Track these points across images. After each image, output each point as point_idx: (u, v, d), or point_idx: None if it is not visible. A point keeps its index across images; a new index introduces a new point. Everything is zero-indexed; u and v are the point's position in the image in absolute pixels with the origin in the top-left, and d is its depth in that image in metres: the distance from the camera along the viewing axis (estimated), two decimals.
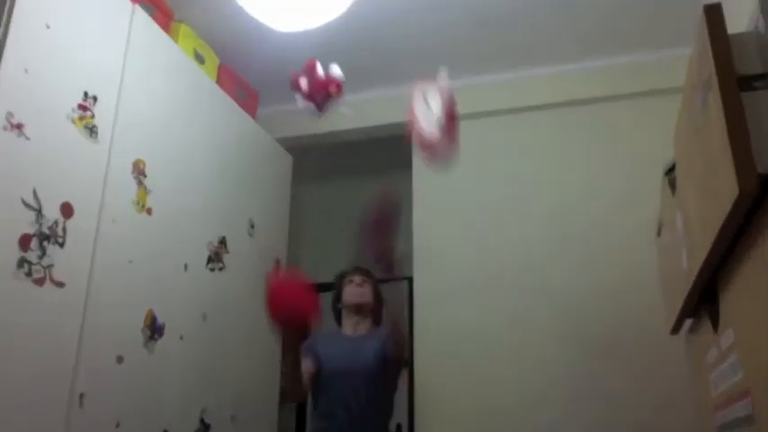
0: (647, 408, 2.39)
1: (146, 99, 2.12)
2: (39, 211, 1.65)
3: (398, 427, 3.03)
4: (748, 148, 1.06)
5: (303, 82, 1.88)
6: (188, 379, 2.21)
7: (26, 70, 1.65)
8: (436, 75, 1.59)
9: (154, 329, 2.05)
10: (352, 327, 2.23)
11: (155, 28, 2.21)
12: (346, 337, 2.22)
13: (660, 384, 2.39)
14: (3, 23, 1.61)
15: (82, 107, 1.83)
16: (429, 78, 1.79)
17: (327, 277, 3.83)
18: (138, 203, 2.04)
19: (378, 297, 2.26)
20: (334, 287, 2.33)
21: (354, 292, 2.23)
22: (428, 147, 1.58)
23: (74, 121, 1.80)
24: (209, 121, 2.49)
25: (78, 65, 1.83)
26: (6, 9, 1.62)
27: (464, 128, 2.98)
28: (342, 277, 2.32)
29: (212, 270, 2.42)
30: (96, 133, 1.88)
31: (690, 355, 2.05)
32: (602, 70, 2.82)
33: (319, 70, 1.88)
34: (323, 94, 1.86)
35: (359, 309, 2.23)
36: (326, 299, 3.74)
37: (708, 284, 1.49)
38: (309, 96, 1.89)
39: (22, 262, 1.58)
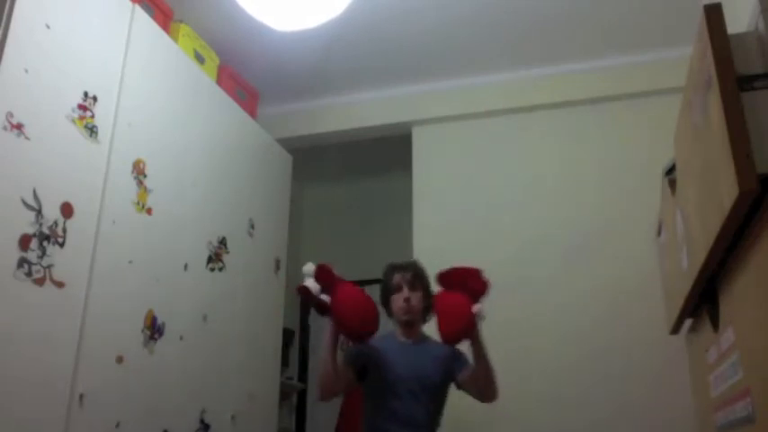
0: (646, 408, 2.39)
1: (146, 99, 2.12)
2: (39, 211, 1.64)
3: None
4: (748, 149, 1.06)
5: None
6: (188, 379, 2.21)
7: (26, 70, 1.65)
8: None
9: (154, 329, 2.05)
10: (405, 333, 2.08)
11: (155, 28, 2.21)
12: (401, 344, 2.06)
13: (660, 384, 2.39)
14: (3, 23, 1.60)
15: (82, 107, 1.83)
16: None
17: None
18: (138, 203, 2.04)
19: (428, 296, 2.10)
20: (383, 282, 2.13)
21: (402, 308, 2.04)
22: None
23: (74, 121, 1.80)
24: (209, 121, 2.49)
25: (78, 65, 1.83)
26: (6, 9, 1.62)
27: (465, 128, 3.02)
28: (390, 274, 2.10)
29: (212, 270, 2.42)
30: (96, 133, 1.88)
31: (690, 355, 2.05)
32: (602, 70, 2.82)
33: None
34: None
35: (408, 322, 2.08)
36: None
37: (708, 284, 1.49)
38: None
39: (22, 262, 1.58)
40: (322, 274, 1.92)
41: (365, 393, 2.07)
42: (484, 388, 2.00)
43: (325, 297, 1.91)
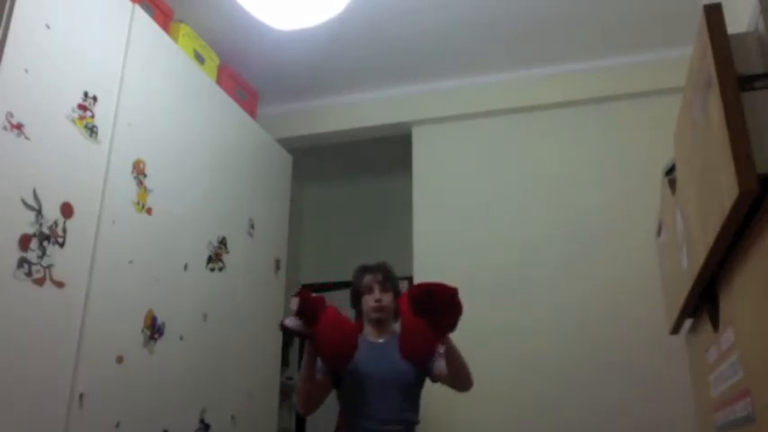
0: (646, 408, 2.39)
1: (146, 99, 2.12)
2: (39, 211, 1.65)
3: None
4: (748, 149, 1.06)
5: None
6: (188, 379, 2.21)
7: (26, 70, 1.65)
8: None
9: (154, 329, 2.05)
10: (376, 333, 2.13)
11: (155, 28, 2.21)
12: (371, 343, 2.11)
13: (660, 384, 2.39)
14: (3, 23, 1.60)
15: (82, 107, 1.83)
16: None
17: (327, 277, 3.86)
18: (138, 203, 2.04)
19: (397, 296, 2.16)
20: (354, 283, 2.21)
21: (373, 307, 2.11)
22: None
23: (74, 121, 1.80)
24: (209, 121, 2.49)
25: (78, 65, 1.83)
26: (6, 9, 1.62)
27: (465, 128, 3.02)
28: (361, 275, 2.18)
29: (212, 270, 2.42)
30: (96, 133, 1.88)
31: (690, 355, 2.05)
32: (602, 70, 2.82)
33: None
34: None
35: (380, 320, 2.14)
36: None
37: (708, 284, 1.49)
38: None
39: (22, 262, 1.58)
40: (303, 308, 1.91)
41: (341, 395, 2.09)
42: (460, 381, 2.06)
43: (306, 330, 1.92)
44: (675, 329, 2.02)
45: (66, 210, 1.74)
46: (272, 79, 3.01)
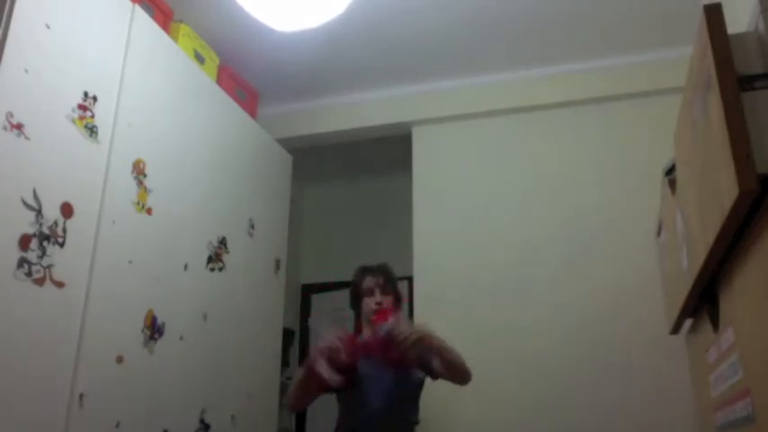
0: (646, 408, 2.39)
1: (146, 99, 2.12)
2: (39, 211, 1.65)
3: None
4: (748, 149, 1.06)
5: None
6: (188, 379, 2.21)
7: (26, 70, 1.65)
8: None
9: (154, 329, 2.05)
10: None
11: (155, 28, 2.21)
12: None
13: (660, 384, 2.39)
14: (3, 23, 1.60)
15: (82, 107, 1.83)
16: None
17: (327, 277, 3.86)
18: (138, 203, 2.04)
19: (397, 299, 2.18)
20: (354, 285, 2.22)
21: (374, 310, 2.10)
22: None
23: (74, 121, 1.80)
24: (209, 121, 2.49)
25: (78, 65, 1.83)
26: (6, 9, 1.62)
27: (465, 128, 3.02)
28: (362, 277, 2.20)
29: (212, 270, 2.42)
30: (96, 133, 1.88)
31: (690, 355, 2.05)
32: (602, 70, 2.82)
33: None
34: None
35: None
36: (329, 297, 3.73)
37: (708, 284, 1.49)
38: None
39: (22, 262, 1.58)
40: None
41: (340, 396, 2.09)
42: (457, 377, 2.01)
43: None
44: (675, 329, 2.02)
45: (66, 210, 1.74)
46: (272, 79, 3.01)
